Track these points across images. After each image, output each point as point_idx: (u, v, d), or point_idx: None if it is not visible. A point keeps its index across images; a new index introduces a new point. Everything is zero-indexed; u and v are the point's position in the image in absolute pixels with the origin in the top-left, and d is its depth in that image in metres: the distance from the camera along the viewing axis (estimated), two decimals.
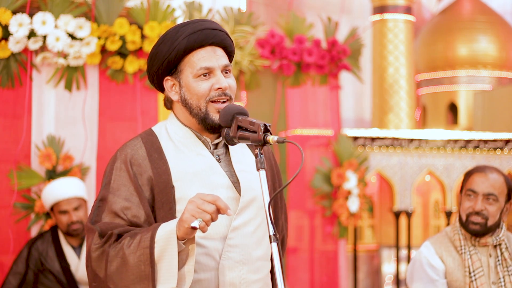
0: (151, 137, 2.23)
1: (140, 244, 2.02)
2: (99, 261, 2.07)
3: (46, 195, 4.07)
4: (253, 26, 5.07)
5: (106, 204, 2.15)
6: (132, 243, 2.03)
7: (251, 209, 2.23)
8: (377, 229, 8.30)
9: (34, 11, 4.27)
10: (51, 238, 4.05)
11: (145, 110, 4.57)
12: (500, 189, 3.12)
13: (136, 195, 2.14)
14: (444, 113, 10.18)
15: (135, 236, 2.04)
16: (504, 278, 3.13)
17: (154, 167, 2.16)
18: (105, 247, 2.06)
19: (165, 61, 2.19)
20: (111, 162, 2.21)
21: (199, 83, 2.17)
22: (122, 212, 2.13)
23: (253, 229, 2.23)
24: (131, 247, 2.02)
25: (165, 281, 2.01)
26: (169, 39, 2.18)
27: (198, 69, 2.17)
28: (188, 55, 2.18)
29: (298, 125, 5.44)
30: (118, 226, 2.11)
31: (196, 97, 2.18)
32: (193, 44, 2.17)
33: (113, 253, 2.05)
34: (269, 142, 2.04)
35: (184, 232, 1.98)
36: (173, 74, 2.21)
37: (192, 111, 2.20)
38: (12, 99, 4.31)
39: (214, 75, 2.19)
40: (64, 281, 3.98)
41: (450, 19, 10.15)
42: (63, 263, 4.01)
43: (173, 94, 2.22)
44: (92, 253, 2.08)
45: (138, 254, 2.01)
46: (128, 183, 2.15)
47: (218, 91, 2.17)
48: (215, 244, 2.16)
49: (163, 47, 2.18)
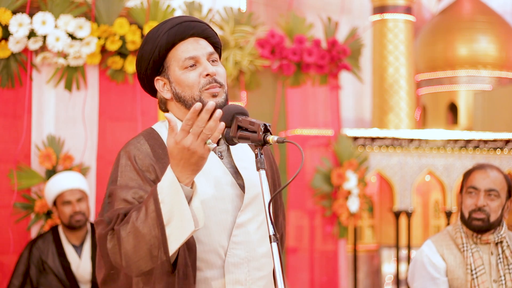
0: (153, 134, 2.23)
1: (148, 212, 1.97)
2: (112, 244, 2.03)
3: (50, 187, 4.07)
4: (253, 26, 5.07)
5: (113, 200, 2.12)
6: (139, 215, 1.99)
7: (254, 206, 2.23)
8: (377, 229, 8.30)
9: (34, 11, 4.27)
10: (52, 238, 4.06)
11: (145, 110, 4.57)
12: (501, 185, 3.14)
13: (143, 191, 2.10)
14: (444, 113, 10.18)
15: (140, 208, 2.00)
16: (505, 276, 3.14)
17: (160, 162, 2.15)
18: (115, 228, 2.02)
19: (151, 61, 2.18)
20: (116, 161, 2.20)
21: (187, 74, 2.16)
22: (132, 198, 2.09)
23: (257, 226, 2.23)
24: (139, 219, 1.98)
25: (181, 232, 1.95)
26: (150, 38, 2.18)
27: (183, 60, 2.16)
28: (171, 50, 2.18)
29: (298, 125, 5.44)
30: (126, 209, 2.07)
31: (188, 89, 2.17)
32: (174, 37, 2.17)
33: (123, 232, 2.00)
34: (269, 142, 2.04)
35: (186, 172, 1.94)
36: (161, 73, 2.21)
37: (186, 103, 2.18)
38: (12, 99, 4.32)
39: (200, 64, 2.18)
40: (65, 280, 3.99)
41: (450, 19, 10.15)
42: (64, 262, 4.01)
43: (165, 92, 2.22)
44: (102, 239, 2.04)
45: (149, 221, 1.97)
46: (135, 177, 2.13)
47: (207, 78, 2.16)
48: (220, 241, 2.16)
49: (146, 47, 2.19)
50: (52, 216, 4.29)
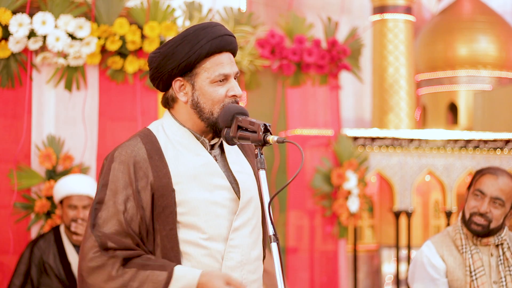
0: (150, 137, 2.21)
1: (152, 279, 2.06)
2: (94, 273, 2.08)
3: (61, 186, 4.05)
4: (253, 26, 5.07)
5: (104, 207, 2.13)
6: (139, 275, 2.07)
7: (249, 209, 2.24)
8: (377, 229, 8.30)
9: (34, 11, 4.27)
10: (53, 237, 4.05)
11: (145, 110, 4.57)
12: (509, 194, 3.10)
13: (132, 200, 2.13)
14: (444, 113, 10.18)
15: (145, 268, 2.08)
16: (506, 277, 3.13)
17: (155, 170, 2.15)
18: (108, 264, 2.08)
19: (183, 62, 2.17)
20: (107, 162, 2.18)
21: (216, 88, 2.18)
22: (119, 216, 2.12)
23: (251, 230, 2.24)
24: (138, 278, 2.06)
25: None
26: (190, 41, 2.16)
27: (217, 75, 2.17)
28: (205, 59, 2.18)
29: (298, 125, 5.44)
30: (117, 238, 2.10)
31: (211, 102, 2.18)
32: (215, 49, 2.17)
33: (116, 283, 2.07)
34: (269, 142, 2.05)
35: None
36: (186, 75, 2.20)
37: (202, 114, 2.19)
38: (12, 99, 4.31)
39: (229, 81, 2.20)
40: (65, 280, 3.99)
41: (450, 19, 10.15)
42: (65, 262, 4.01)
43: (181, 95, 2.21)
44: (88, 262, 2.09)
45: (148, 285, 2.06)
46: (126, 186, 2.13)
47: (232, 98, 2.19)
48: (217, 245, 2.17)
49: (182, 48, 2.16)
50: (52, 216, 4.29)
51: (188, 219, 2.15)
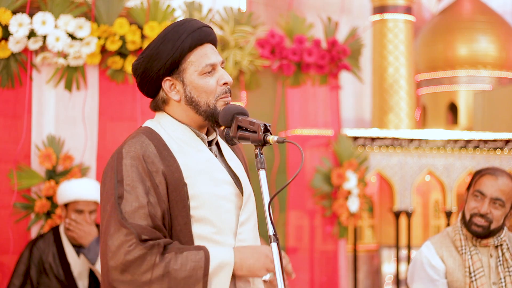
0: (154, 134, 2.21)
1: (191, 258, 2.07)
2: (133, 265, 2.05)
3: (68, 190, 4.02)
4: (253, 26, 5.07)
5: (126, 202, 2.10)
6: (178, 257, 2.07)
7: (250, 204, 2.27)
8: (377, 229, 8.30)
9: (34, 11, 4.27)
10: (52, 238, 4.05)
11: (145, 110, 4.57)
12: (509, 195, 3.10)
13: (153, 193, 2.11)
14: (444, 113, 10.18)
15: (181, 251, 2.08)
16: (505, 278, 3.13)
17: (166, 165, 2.14)
18: (149, 253, 2.05)
19: (169, 60, 2.17)
20: (116, 160, 2.15)
21: (206, 79, 2.19)
22: (144, 209, 2.09)
23: (254, 224, 2.28)
24: (179, 261, 2.06)
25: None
26: (171, 38, 2.17)
27: (204, 66, 2.19)
28: (189, 53, 2.19)
29: (298, 125, 5.44)
30: (149, 229, 2.08)
31: (205, 94, 2.19)
32: (197, 41, 2.19)
33: (159, 269, 2.06)
34: (269, 142, 2.06)
35: (247, 275, 2.11)
36: (174, 73, 2.20)
37: (199, 108, 2.19)
38: (12, 99, 4.31)
39: (216, 71, 2.21)
40: (64, 280, 3.99)
41: (450, 19, 10.15)
42: (64, 262, 4.01)
43: (173, 94, 2.21)
44: (125, 256, 2.05)
45: (188, 267, 2.06)
46: (142, 180, 2.11)
47: (223, 86, 2.21)
48: (228, 239, 2.18)
49: (165, 47, 2.17)
50: (52, 216, 4.29)
51: (200, 213, 2.15)
